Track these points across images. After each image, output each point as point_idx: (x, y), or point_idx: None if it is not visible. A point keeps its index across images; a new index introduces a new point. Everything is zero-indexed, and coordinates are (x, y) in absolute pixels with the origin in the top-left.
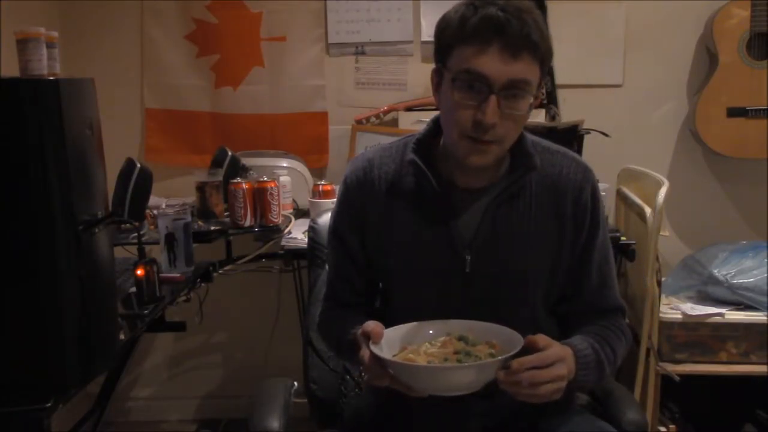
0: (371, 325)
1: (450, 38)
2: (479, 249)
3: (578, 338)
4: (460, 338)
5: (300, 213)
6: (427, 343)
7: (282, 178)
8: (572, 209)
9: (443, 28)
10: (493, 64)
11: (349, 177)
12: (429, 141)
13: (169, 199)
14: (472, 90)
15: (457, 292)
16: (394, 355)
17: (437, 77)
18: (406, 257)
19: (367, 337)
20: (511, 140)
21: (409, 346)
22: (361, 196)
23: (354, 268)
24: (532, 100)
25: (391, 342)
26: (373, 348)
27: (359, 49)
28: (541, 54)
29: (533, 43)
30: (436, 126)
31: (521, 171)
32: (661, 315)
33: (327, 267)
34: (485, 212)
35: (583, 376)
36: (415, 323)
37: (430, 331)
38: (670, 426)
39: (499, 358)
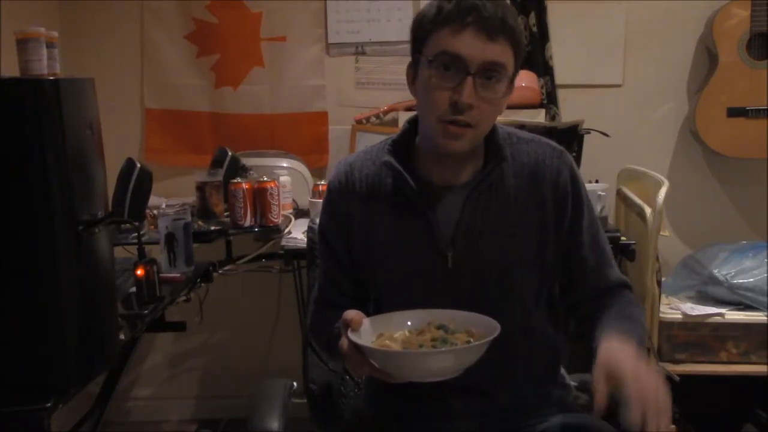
0: (351, 313)
1: (427, 26)
2: (460, 244)
3: (607, 329)
4: (440, 327)
5: (300, 213)
6: (406, 331)
7: (282, 178)
8: (552, 195)
9: (419, 20)
10: (469, 45)
11: (332, 182)
12: (405, 141)
13: (169, 199)
14: (448, 71)
15: (442, 289)
16: (371, 342)
17: (413, 70)
18: (389, 258)
19: (347, 325)
20: (486, 126)
21: (386, 332)
22: (343, 200)
23: (341, 271)
24: (508, 85)
25: (371, 330)
26: (351, 335)
27: (359, 49)
28: (516, 40)
29: (509, 26)
30: (412, 126)
31: (493, 164)
32: (661, 315)
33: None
34: (463, 207)
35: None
36: (396, 312)
37: (409, 322)
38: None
39: (475, 343)
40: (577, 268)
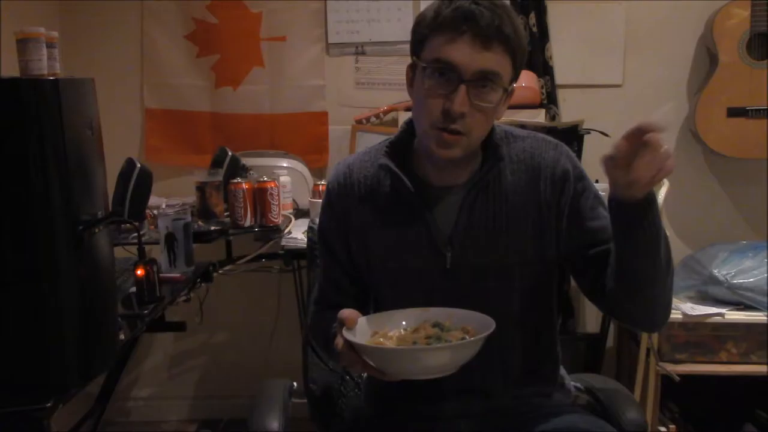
0: (346, 312)
1: (424, 29)
2: (458, 244)
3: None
4: (435, 325)
5: (300, 213)
6: (401, 330)
7: (282, 178)
8: (550, 186)
9: (419, 21)
10: (463, 53)
11: (331, 183)
12: (403, 143)
13: (169, 199)
14: (442, 78)
15: (441, 289)
16: (366, 341)
17: (411, 72)
18: (389, 259)
19: (342, 324)
20: (480, 133)
21: (381, 331)
22: (342, 202)
23: (340, 271)
24: (502, 94)
25: (366, 328)
26: (345, 333)
27: (359, 49)
28: (513, 48)
29: (504, 35)
30: (410, 127)
31: (490, 163)
32: None
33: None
34: (461, 207)
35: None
36: (392, 311)
37: (404, 321)
38: (670, 426)
39: (470, 339)
40: (591, 239)
